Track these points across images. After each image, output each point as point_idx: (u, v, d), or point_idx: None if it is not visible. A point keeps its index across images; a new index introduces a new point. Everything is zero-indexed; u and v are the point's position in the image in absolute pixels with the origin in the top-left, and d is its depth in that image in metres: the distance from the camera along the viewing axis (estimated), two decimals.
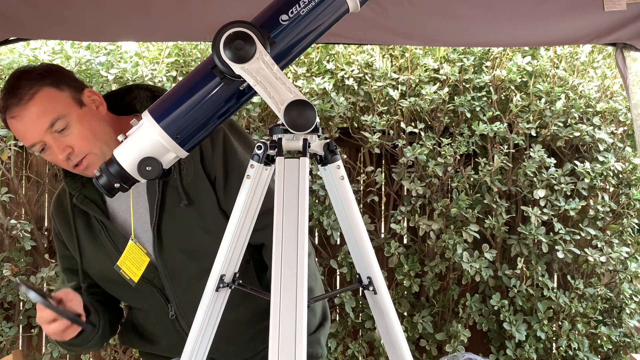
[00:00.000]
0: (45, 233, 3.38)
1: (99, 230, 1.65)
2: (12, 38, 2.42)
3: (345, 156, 3.38)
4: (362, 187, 3.33)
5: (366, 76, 3.30)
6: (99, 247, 1.66)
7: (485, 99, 3.30)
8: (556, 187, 3.23)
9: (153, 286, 1.66)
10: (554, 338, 3.29)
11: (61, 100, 1.50)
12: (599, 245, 3.24)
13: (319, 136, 1.27)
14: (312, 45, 2.44)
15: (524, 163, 3.23)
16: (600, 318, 3.32)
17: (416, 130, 3.25)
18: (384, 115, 3.27)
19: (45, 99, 1.48)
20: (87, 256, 1.68)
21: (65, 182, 1.64)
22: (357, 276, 1.37)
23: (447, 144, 3.19)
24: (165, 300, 1.67)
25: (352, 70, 3.29)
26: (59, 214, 1.70)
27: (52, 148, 1.50)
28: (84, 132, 1.50)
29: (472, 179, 3.24)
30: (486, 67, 3.38)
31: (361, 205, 3.34)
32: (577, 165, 3.23)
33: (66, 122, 1.48)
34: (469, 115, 3.30)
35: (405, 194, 3.40)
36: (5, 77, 3.13)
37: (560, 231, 3.21)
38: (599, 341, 3.32)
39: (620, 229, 3.28)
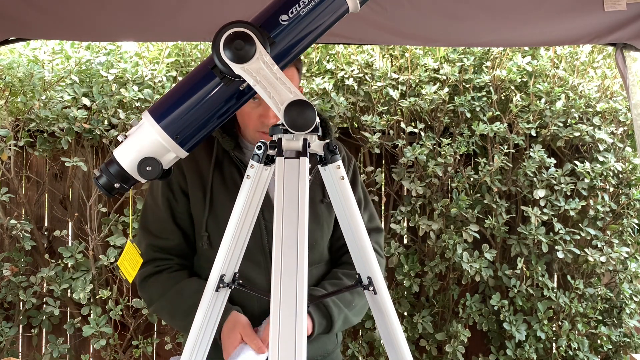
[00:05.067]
0: (45, 233, 3.38)
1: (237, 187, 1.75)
2: (12, 38, 2.42)
3: None
4: None
5: (366, 76, 3.30)
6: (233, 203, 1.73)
7: (485, 99, 3.30)
8: (556, 187, 3.23)
9: (269, 259, 1.68)
10: (554, 338, 3.29)
11: (297, 82, 1.68)
12: (599, 245, 3.23)
13: (319, 136, 1.27)
14: (312, 45, 2.44)
15: (524, 163, 3.23)
16: (600, 318, 3.32)
17: (416, 130, 3.25)
18: (384, 115, 3.27)
19: (295, 74, 1.66)
20: (216, 210, 1.73)
21: (222, 140, 1.75)
22: (357, 276, 1.37)
23: (447, 144, 3.19)
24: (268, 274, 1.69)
25: (352, 70, 3.29)
26: (193, 173, 1.75)
27: (268, 110, 1.62)
28: None
29: (472, 179, 3.24)
30: (486, 67, 3.38)
31: None
32: (577, 165, 3.23)
33: None
34: (469, 115, 3.29)
35: (405, 194, 3.40)
36: (5, 77, 3.13)
37: (560, 231, 3.20)
38: (599, 341, 3.31)
39: (620, 229, 3.28)
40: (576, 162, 3.26)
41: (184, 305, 1.64)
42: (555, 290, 3.25)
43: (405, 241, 3.42)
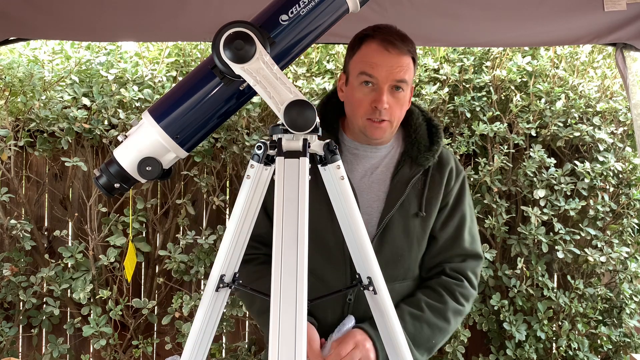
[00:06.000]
0: (45, 233, 3.38)
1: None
2: (12, 38, 2.42)
3: None
4: None
5: None
6: (322, 204, 1.50)
7: (485, 99, 3.30)
8: (556, 187, 3.23)
9: (348, 265, 1.65)
10: (554, 338, 3.29)
11: (412, 72, 1.66)
12: (599, 245, 3.23)
13: (319, 136, 1.27)
14: (312, 45, 2.44)
15: (524, 163, 3.23)
16: (600, 318, 3.32)
17: None
18: None
19: (411, 64, 1.64)
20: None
21: (326, 132, 1.70)
22: (357, 276, 1.37)
23: (447, 144, 3.19)
24: (348, 280, 1.66)
25: None
26: None
27: (381, 95, 1.59)
28: (405, 105, 1.68)
29: (472, 179, 3.24)
30: (486, 67, 3.38)
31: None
32: (577, 165, 3.23)
33: (405, 89, 1.64)
34: (469, 115, 3.29)
35: None
36: (5, 77, 3.13)
37: (560, 231, 3.20)
38: (599, 341, 3.31)
39: (620, 229, 3.28)
40: (576, 162, 3.26)
41: (259, 305, 1.70)
42: (555, 290, 3.25)
43: None
